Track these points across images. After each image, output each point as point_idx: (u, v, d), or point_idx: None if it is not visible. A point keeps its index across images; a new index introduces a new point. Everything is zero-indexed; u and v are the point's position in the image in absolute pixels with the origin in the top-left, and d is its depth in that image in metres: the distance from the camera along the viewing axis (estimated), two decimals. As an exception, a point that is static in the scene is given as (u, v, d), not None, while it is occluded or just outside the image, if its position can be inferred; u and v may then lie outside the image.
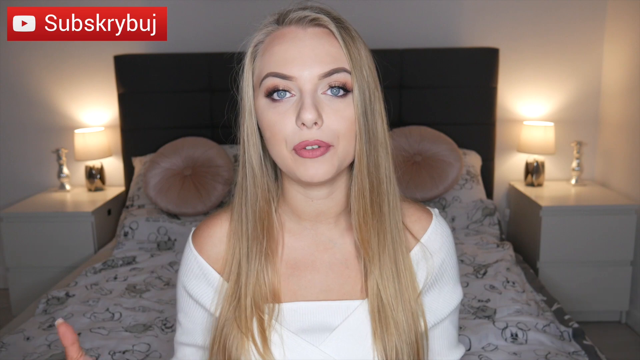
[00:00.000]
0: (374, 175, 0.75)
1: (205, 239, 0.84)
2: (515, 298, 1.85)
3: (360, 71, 0.72)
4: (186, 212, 2.50)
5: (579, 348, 1.58)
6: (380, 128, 0.75)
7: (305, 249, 0.82)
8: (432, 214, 0.85)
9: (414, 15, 2.86)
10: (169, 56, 2.79)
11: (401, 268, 0.78)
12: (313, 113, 0.69)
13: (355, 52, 0.72)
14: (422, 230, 0.83)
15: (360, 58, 0.72)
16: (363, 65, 0.72)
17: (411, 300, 0.78)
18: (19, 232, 2.59)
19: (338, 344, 0.77)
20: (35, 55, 2.91)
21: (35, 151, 3.00)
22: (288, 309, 0.79)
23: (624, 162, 2.72)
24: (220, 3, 2.85)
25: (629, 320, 2.64)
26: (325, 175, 0.72)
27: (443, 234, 0.84)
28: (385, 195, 0.77)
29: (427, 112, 2.77)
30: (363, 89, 0.72)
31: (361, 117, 0.72)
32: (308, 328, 0.78)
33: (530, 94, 2.93)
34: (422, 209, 0.85)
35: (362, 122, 0.72)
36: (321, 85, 0.71)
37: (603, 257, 2.56)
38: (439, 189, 2.53)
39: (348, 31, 0.73)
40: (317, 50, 0.71)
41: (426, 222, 0.83)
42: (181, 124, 2.81)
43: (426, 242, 0.82)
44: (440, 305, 0.83)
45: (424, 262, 0.81)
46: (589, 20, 2.86)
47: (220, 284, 0.82)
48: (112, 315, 1.79)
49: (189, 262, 0.84)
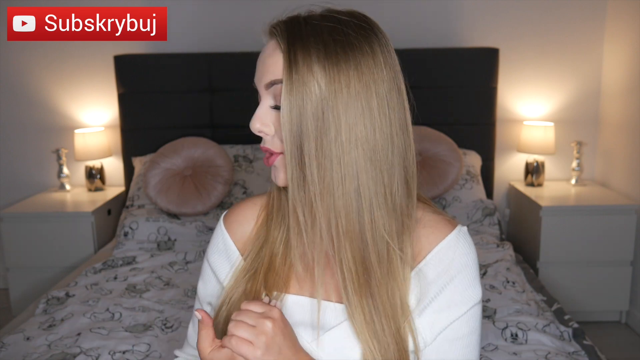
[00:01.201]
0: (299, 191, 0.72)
1: (235, 216, 0.89)
2: (515, 298, 1.86)
3: (296, 84, 0.69)
4: (186, 212, 2.50)
5: (579, 348, 1.58)
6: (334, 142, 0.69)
7: None
8: (453, 227, 0.80)
9: (414, 15, 2.86)
10: (169, 56, 2.79)
11: (378, 282, 0.75)
12: (254, 124, 0.74)
13: (299, 66, 0.69)
14: (432, 242, 0.78)
15: (305, 72, 0.68)
16: (308, 81, 0.68)
17: (397, 317, 0.75)
18: (19, 232, 2.59)
19: (330, 344, 0.78)
20: (35, 55, 2.91)
21: (35, 151, 3.00)
22: (292, 301, 0.81)
23: (624, 162, 2.72)
24: (220, 3, 2.85)
25: (629, 320, 2.64)
26: (283, 181, 0.76)
27: (458, 250, 0.78)
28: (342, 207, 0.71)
29: (427, 112, 2.77)
30: (297, 103, 0.69)
31: (287, 131, 0.70)
32: (306, 323, 0.80)
33: (530, 94, 2.93)
34: (444, 220, 0.80)
35: (288, 137, 0.70)
36: (270, 96, 0.74)
37: (603, 257, 2.56)
38: (439, 189, 2.53)
39: (301, 42, 0.70)
40: (267, 61, 0.73)
41: (441, 234, 0.79)
42: (181, 124, 2.81)
43: (435, 254, 0.78)
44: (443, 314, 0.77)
45: (426, 277, 0.78)
46: (589, 20, 2.86)
47: (237, 261, 0.86)
48: (112, 315, 1.79)
49: (216, 236, 0.89)
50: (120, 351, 1.55)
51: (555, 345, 1.57)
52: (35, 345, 1.61)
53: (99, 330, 1.68)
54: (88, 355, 1.53)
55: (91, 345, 1.59)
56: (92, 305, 1.86)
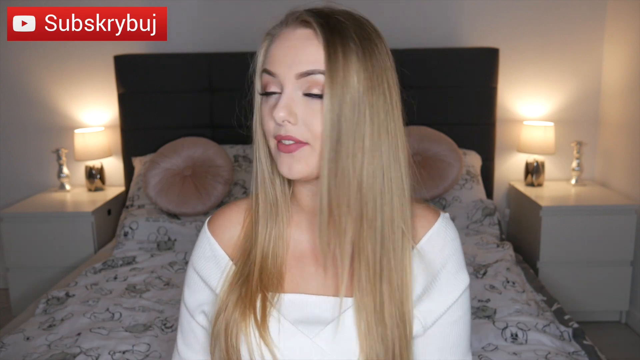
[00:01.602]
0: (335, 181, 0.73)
1: (221, 221, 0.87)
2: (515, 298, 1.85)
3: (340, 76, 0.71)
4: (186, 212, 2.50)
5: (579, 348, 1.58)
6: (368, 135, 0.72)
7: (310, 242, 0.85)
8: (438, 215, 0.84)
9: (414, 15, 2.86)
10: (169, 56, 2.79)
11: (392, 269, 0.77)
12: (283, 111, 0.72)
13: (338, 56, 0.71)
14: (423, 230, 0.82)
15: (344, 63, 0.71)
16: (347, 71, 0.71)
17: (403, 302, 0.78)
18: (19, 232, 2.59)
19: (331, 338, 0.79)
20: (35, 55, 2.91)
21: (35, 151, 3.00)
22: (288, 300, 0.81)
23: (624, 162, 2.72)
24: (220, 3, 2.85)
25: (629, 320, 2.64)
26: (300, 173, 0.74)
27: (447, 236, 0.83)
28: (371, 198, 0.74)
29: (427, 112, 2.77)
30: (339, 94, 0.71)
31: (329, 122, 0.71)
32: (304, 320, 0.80)
33: (530, 94, 2.93)
34: (429, 209, 0.85)
35: (329, 128, 0.71)
36: (300, 85, 0.73)
37: (603, 257, 2.56)
38: (439, 189, 2.53)
39: (340, 35, 0.72)
40: (300, 51, 0.73)
41: (429, 222, 0.83)
42: (181, 124, 2.81)
43: (427, 241, 0.82)
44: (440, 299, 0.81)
45: (423, 263, 0.81)
46: (589, 20, 2.86)
47: (227, 267, 0.85)
48: (112, 315, 1.79)
49: (201, 243, 0.87)
50: (120, 351, 1.55)
51: (555, 345, 1.57)
52: (35, 345, 1.61)
53: (99, 330, 1.67)
54: (88, 355, 1.53)
55: (91, 345, 1.58)
56: (92, 305, 1.86)
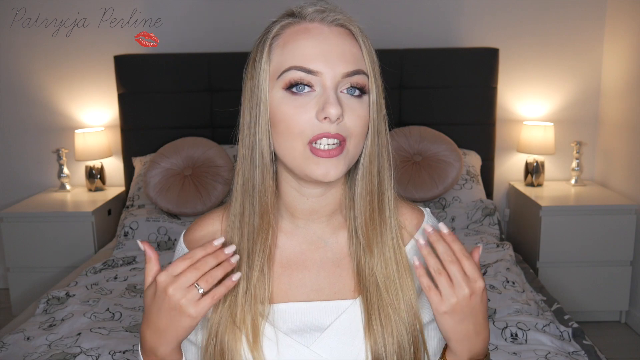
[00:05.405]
0: (378, 176, 0.79)
1: (199, 232, 0.84)
2: (515, 298, 1.86)
3: (375, 75, 0.76)
4: (186, 212, 2.50)
5: (579, 348, 1.58)
6: (383, 131, 0.78)
7: (297, 247, 0.82)
8: (423, 212, 0.88)
9: (414, 15, 2.87)
10: (169, 56, 2.79)
11: (400, 263, 0.80)
12: (338, 108, 0.71)
13: (372, 56, 0.76)
14: (415, 228, 0.85)
15: (375, 62, 0.77)
16: (377, 70, 0.77)
17: (412, 296, 0.79)
18: (19, 232, 2.60)
19: (329, 344, 0.77)
20: (36, 55, 2.91)
21: (35, 151, 3.00)
22: (279, 310, 0.79)
23: (624, 162, 2.72)
24: (220, 3, 2.85)
25: (628, 320, 2.64)
26: (336, 176, 0.73)
27: None
28: (387, 195, 0.80)
29: (427, 112, 2.77)
30: (377, 92, 0.76)
31: (374, 119, 0.76)
32: (299, 328, 0.78)
33: (530, 94, 2.93)
34: (414, 207, 0.88)
35: (374, 124, 0.76)
36: (342, 83, 0.73)
37: (603, 257, 2.56)
38: (439, 189, 2.53)
39: (364, 35, 0.76)
40: (342, 49, 0.73)
41: (418, 220, 0.86)
42: (181, 124, 2.81)
43: (420, 234, 0.84)
44: None
45: (418, 254, 0.83)
46: (588, 20, 2.86)
47: None
48: (112, 315, 1.79)
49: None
50: (120, 351, 1.55)
51: (555, 345, 1.57)
52: (35, 345, 1.61)
53: (99, 330, 1.68)
54: (88, 355, 1.53)
55: (91, 345, 1.59)
56: (93, 305, 1.86)
